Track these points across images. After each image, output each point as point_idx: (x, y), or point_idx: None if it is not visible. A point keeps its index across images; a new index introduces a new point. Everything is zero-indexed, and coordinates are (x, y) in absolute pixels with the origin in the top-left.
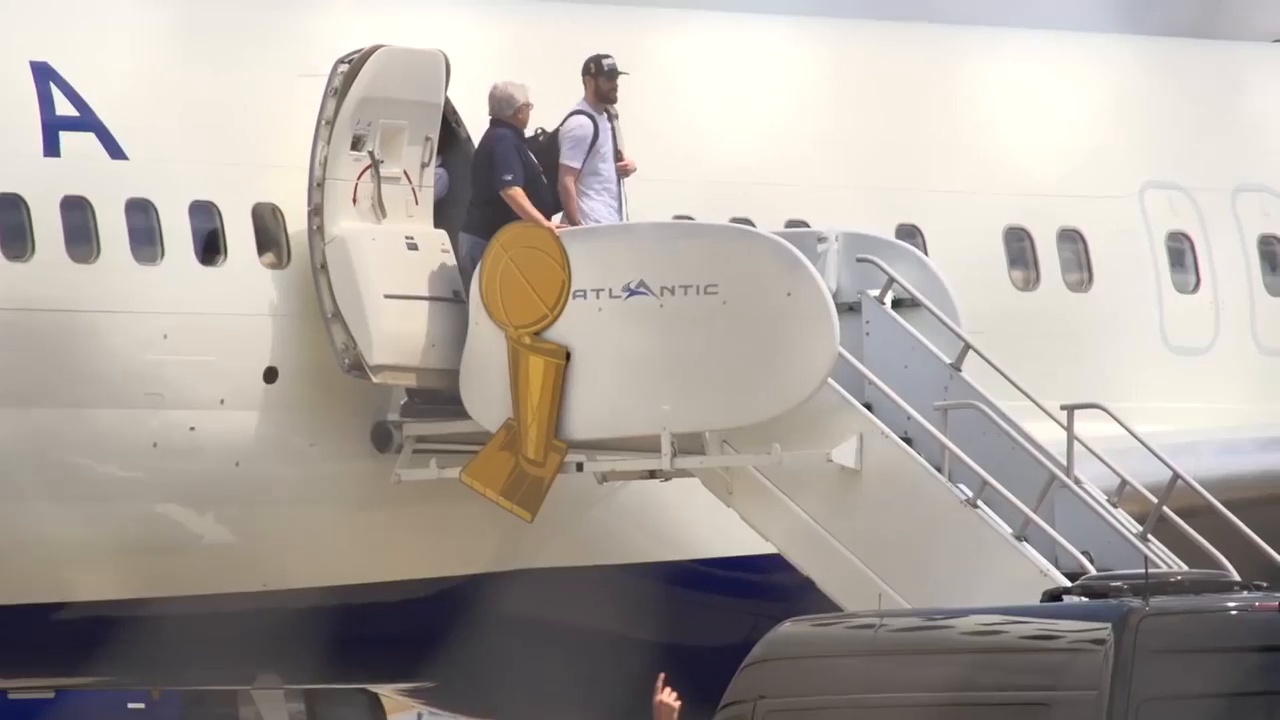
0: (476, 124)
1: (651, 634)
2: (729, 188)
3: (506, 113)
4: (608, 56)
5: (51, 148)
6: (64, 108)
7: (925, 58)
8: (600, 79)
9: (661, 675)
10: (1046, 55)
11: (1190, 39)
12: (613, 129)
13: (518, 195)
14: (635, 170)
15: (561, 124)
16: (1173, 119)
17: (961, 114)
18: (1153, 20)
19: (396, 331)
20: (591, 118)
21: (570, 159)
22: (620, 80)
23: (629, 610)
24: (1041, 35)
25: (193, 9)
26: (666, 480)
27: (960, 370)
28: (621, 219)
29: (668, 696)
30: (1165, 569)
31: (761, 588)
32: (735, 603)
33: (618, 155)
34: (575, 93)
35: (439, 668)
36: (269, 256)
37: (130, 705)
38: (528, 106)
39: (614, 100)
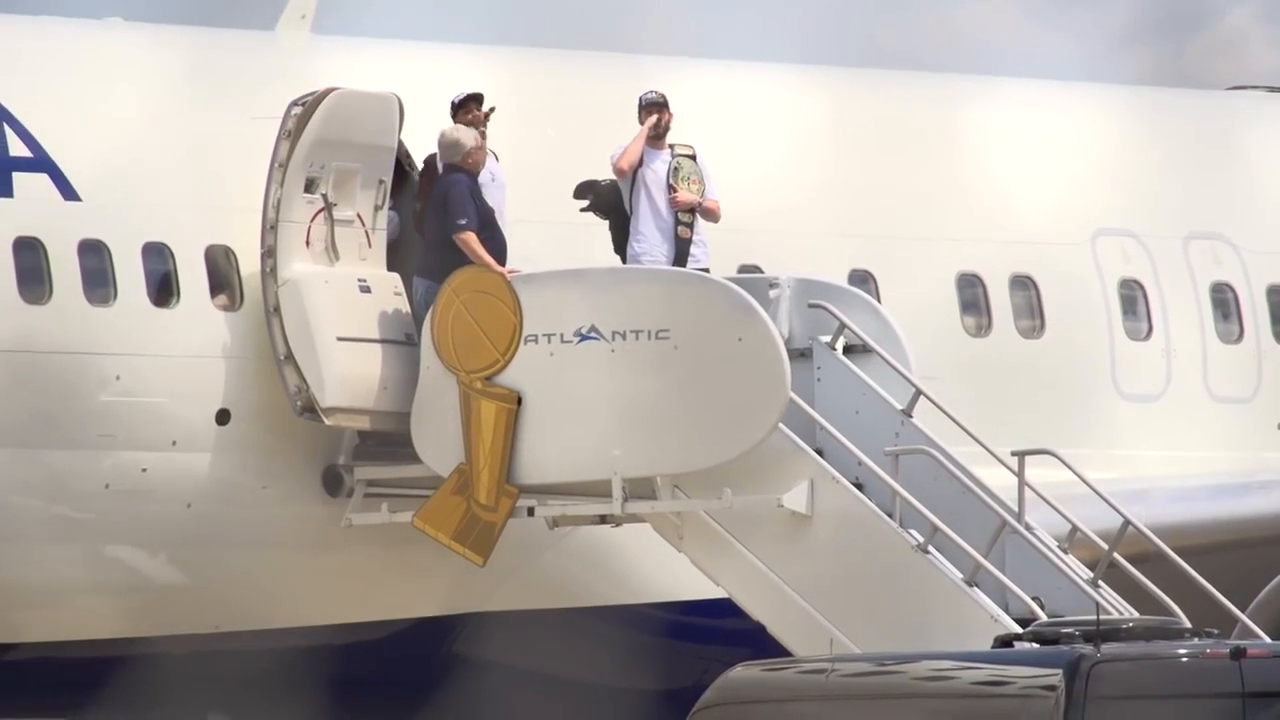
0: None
1: (603, 678)
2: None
3: (454, 158)
4: (649, 91)
5: (4, 188)
6: (17, 149)
7: (879, 105)
8: (640, 112)
9: None
10: (1000, 103)
11: (1145, 86)
12: (673, 165)
13: (470, 240)
14: (693, 204)
15: None
16: (1126, 166)
17: (914, 160)
18: (1109, 68)
19: (349, 374)
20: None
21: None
22: (673, 115)
23: (580, 654)
24: (995, 83)
25: (146, 51)
26: (618, 525)
27: (911, 416)
28: (671, 261)
29: None
30: (1116, 615)
31: (713, 632)
32: (686, 647)
33: (671, 189)
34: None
35: (389, 710)
36: (222, 298)
37: None
38: (480, 150)
39: (661, 134)
